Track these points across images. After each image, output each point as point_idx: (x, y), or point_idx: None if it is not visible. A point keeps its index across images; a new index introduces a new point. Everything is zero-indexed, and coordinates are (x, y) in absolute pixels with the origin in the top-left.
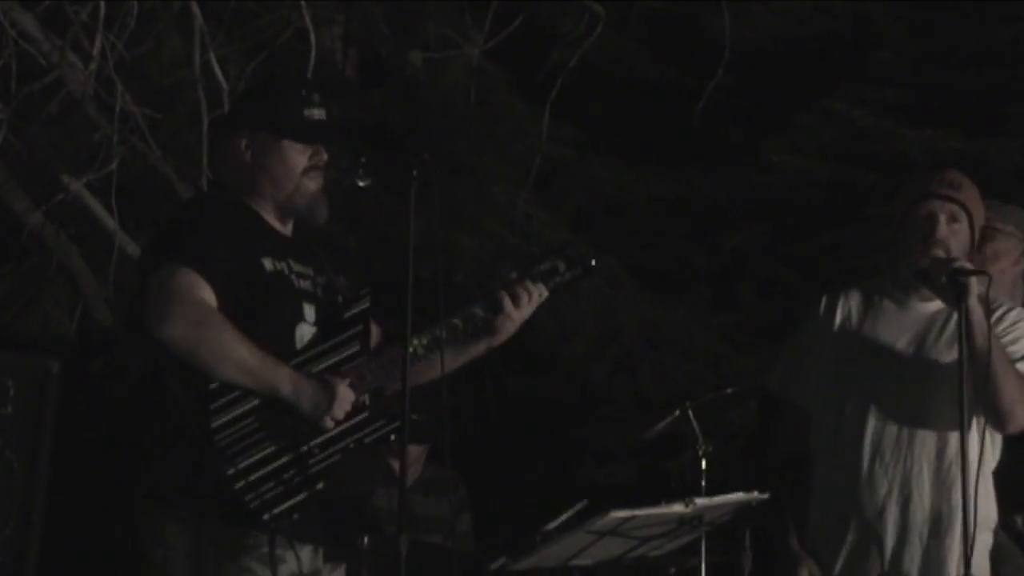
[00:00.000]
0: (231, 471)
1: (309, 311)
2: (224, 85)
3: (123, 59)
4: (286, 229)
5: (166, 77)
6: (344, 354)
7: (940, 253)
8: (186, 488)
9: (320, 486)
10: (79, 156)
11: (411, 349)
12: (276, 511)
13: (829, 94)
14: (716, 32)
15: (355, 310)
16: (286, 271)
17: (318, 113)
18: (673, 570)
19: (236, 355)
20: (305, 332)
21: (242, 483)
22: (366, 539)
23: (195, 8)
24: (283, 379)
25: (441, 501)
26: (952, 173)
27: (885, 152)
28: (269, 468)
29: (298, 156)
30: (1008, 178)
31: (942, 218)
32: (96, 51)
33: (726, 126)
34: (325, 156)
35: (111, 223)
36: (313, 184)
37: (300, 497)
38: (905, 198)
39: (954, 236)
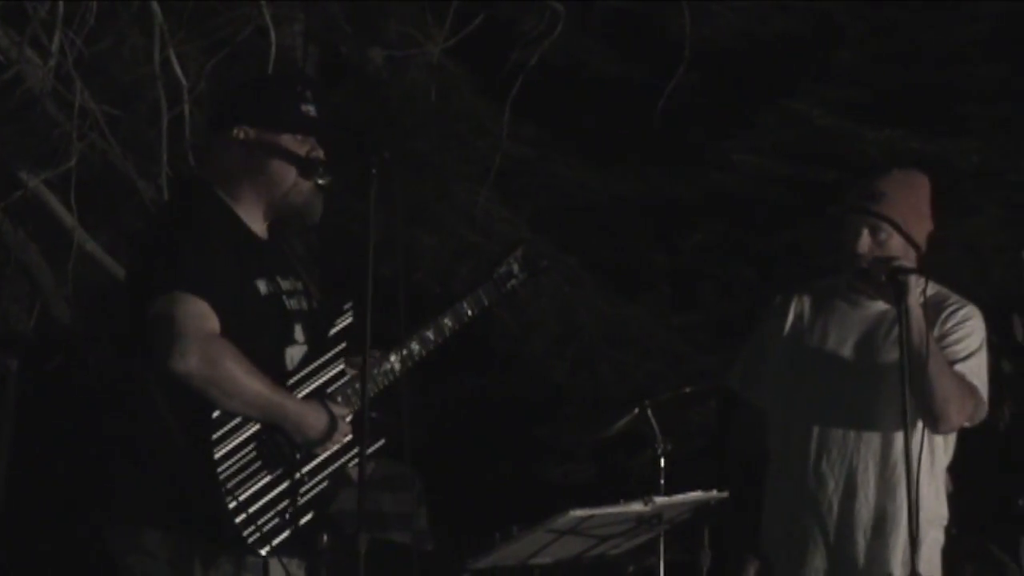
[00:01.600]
0: (232, 504)
1: (298, 331)
2: (184, 82)
3: (82, 56)
4: (263, 231)
5: (125, 74)
6: (330, 374)
7: (863, 266)
8: (178, 513)
9: (311, 515)
10: (38, 153)
11: (388, 367)
12: (273, 544)
13: (789, 94)
14: (677, 31)
15: (339, 326)
16: (277, 292)
17: (313, 109)
18: (632, 568)
19: (247, 392)
20: (295, 353)
21: (243, 516)
22: (325, 538)
23: (155, 5)
24: (288, 415)
25: (400, 497)
26: (876, 182)
27: (845, 151)
28: (266, 499)
29: (297, 150)
30: (966, 178)
31: (864, 232)
32: (55, 48)
33: (687, 125)
34: (321, 152)
35: (70, 220)
36: (309, 182)
37: (293, 528)
38: (839, 207)
39: (880, 247)
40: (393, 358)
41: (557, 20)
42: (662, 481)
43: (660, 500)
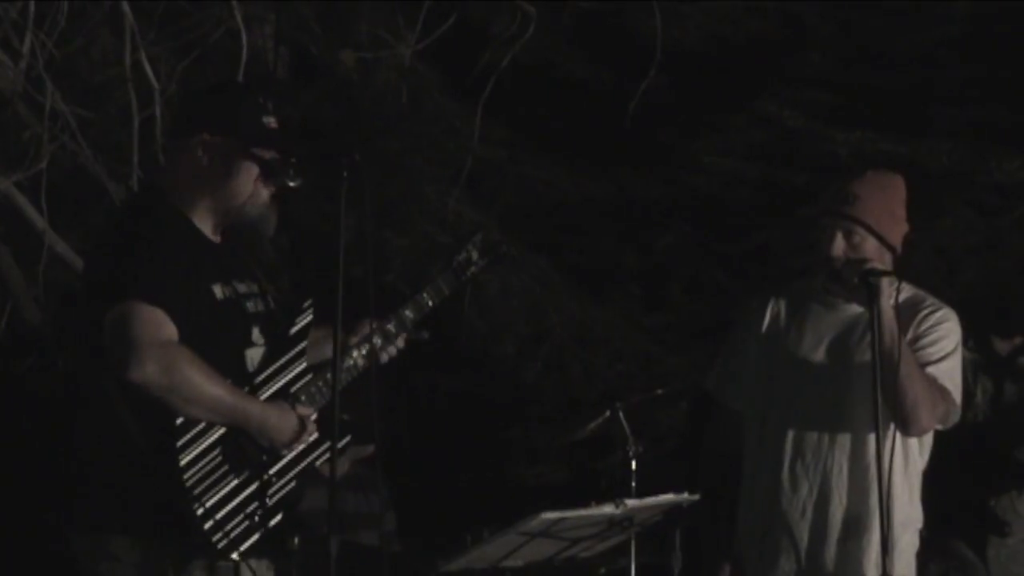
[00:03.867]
0: (200, 511)
1: (256, 333)
2: (155, 84)
3: (53, 58)
4: (216, 237)
5: (96, 76)
6: (293, 373)
7: (836, 267)
8: (146, 519)
9: (280, 517)
10: (9, 155)
11: (351, 361)
12: (242, 548)
13: (759, 95)
14: (647, 33)
15: (300, 325)
16: (234, 296)
17: (273, 120)
18: (603, 571)
19: (207, 397)
20: (254, 355)
21: (210, 523)
22: (296, 540)
23: (125, 7)
24: (250, 418)
25: (369, 498)
26: (850, 185)
27: (815, 153)
28: (234, 503)
29: (259, 161)
30: (936, 179)
31: (838, 235)
32: (26, 49)
33: (657, 126)
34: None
35: (41, 222)
36: (267, 192)
37: (263, 531)
38: (812, 210)
39: (854, 250)
40: (355, 354)
41: (528, 22)
42: (633, 483)
43: (631, 502)
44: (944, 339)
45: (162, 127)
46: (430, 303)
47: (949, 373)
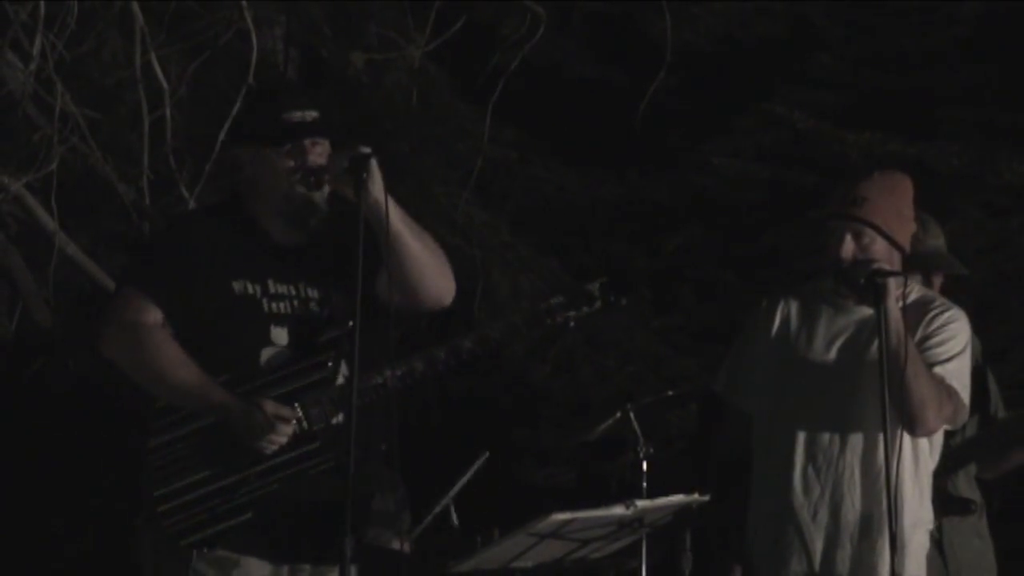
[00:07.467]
0: (157, 492)
1: (279, 334)
2: (164, 86)
3: (63, 59)
4: (291, 238)
5: (106, 77)
6: (308, 380)
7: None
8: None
9: (248, 515)
10: (19, 156)
11: (382, 380)
12: (192, 539)
13: (769, 96)
14: (657, 34)
15: (330, 335)
16: (258, 294)
17: (298, 115)
18: (614, 572)
19: (172, 379)
20: (270, 355)
21: (164, 507)
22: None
23: (136, 8)
24: (213, 406)
25: (385, 497)
26: (858, 187)
27: (824, 154)
28: (195, 494)
29: (281, 160)
30: (946, 180)
31: (847, 237)
32: (36, 51)
33: (667, 128)
34: (308, 154)
35: (51, 224)
36: (301, 187)
37: (222, 526)
38: (821, 212)
39: (864, 251)
40: (388, 372)
41: (538, 23)
42: (644, 484)
43: (641, 503)
44: (952, 339)
45: (172, 128)
46: (495, 337)
47: (957, 373)
